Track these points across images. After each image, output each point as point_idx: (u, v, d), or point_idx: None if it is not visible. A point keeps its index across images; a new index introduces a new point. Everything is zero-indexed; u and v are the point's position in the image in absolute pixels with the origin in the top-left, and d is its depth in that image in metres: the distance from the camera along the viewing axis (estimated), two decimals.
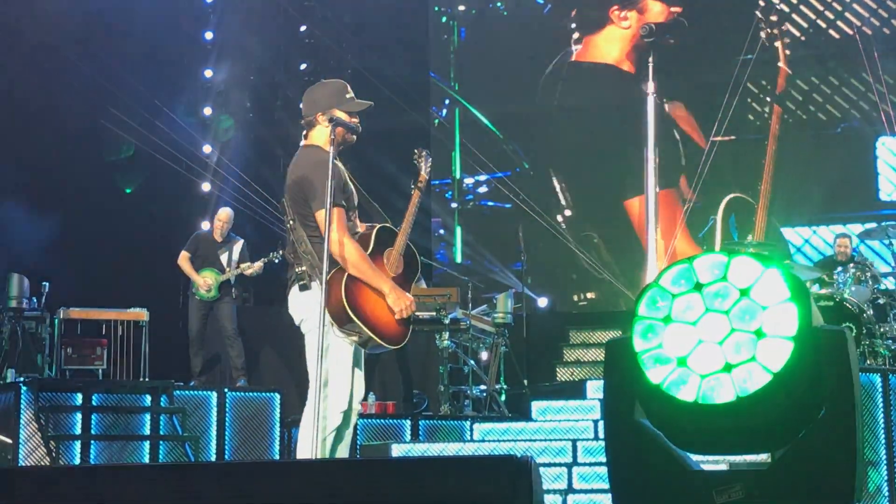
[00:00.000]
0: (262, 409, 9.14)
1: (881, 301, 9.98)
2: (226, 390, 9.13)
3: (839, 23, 14.00)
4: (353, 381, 5.57)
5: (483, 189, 15.05)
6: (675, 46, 13.47)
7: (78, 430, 8.31)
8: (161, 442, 8.56)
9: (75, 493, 3.51)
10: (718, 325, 3.82)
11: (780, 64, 13.71)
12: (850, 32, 13.97)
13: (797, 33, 14.17)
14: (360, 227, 5.80)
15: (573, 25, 14.91)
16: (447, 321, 10.12)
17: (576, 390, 9.54)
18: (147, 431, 8.60)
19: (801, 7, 14.14)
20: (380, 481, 3.32)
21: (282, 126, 14.22)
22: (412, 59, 15.17)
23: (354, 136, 5.79)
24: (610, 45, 14.58)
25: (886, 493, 7.68)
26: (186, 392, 9.00)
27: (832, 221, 13.26)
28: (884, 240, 10.27)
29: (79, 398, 8.44)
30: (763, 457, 6.41)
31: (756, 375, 3.72)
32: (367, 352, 5.71)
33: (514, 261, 13.21)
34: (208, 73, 14.83)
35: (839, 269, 10.30)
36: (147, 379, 10.78)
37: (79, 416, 8.34)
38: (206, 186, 14.41)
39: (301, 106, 5.86)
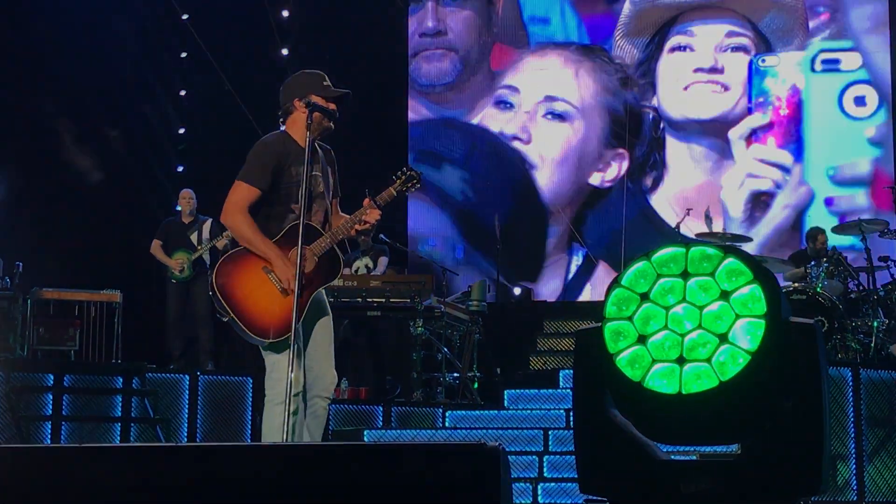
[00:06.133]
0: (235, 393, 9.14)
1: (853, 296, 10.05)
2: (198, 373, 9.12)
3: None
4: (291, 368, 5.58)
5: None
6: None
7: (49, 411, 8.29)
8: (132, 424, 8.56)
9: (44, 472, 3.51)
10: (689, 317, 3.85)
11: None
12: None
13: None
14: (316, 219, 5.81)
15: None
16: (421, 308, 10.14)
17: (548, 379, 9.56)
18: (119, 413, 8.59)
19: None
20: (350, 466, 3.34)
21: (257, 109, 14.18)
22: (389, 46, 15.16)
23: (332, 123, 5.80)
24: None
25: (855, 487, 7.75)
26: (159, 374, 8.99)
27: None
28: (857, 235, 10.32)
29: (51, 379, 8.41)
30: (732, 448, 6.48)
31: (727, 364, 3.75)
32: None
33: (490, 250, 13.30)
34: (184, 55, 14.78)
35: (812, 262, 10.35)
36: (119, 361, 10.75)
37: (50, 396, 8.32)
38: (179, 167, 14.46)
39: (280, 96, 5.90)
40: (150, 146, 14.27)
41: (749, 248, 11.43)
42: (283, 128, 5.90)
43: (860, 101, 13.64)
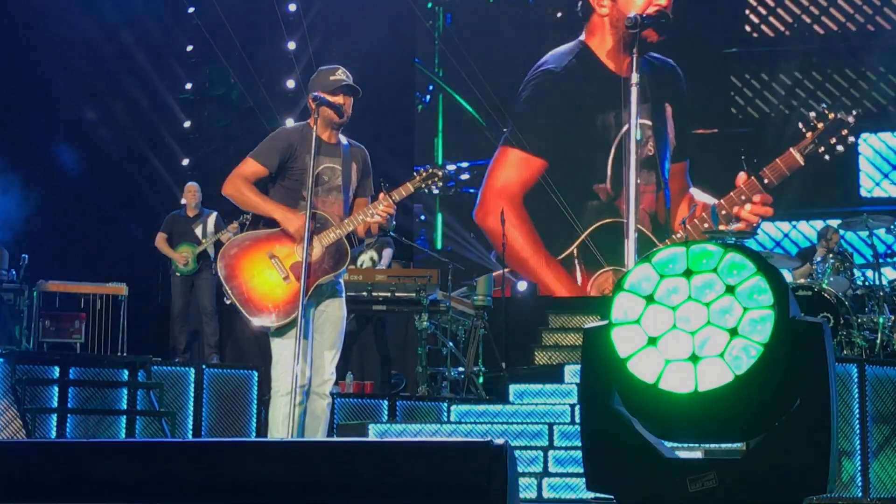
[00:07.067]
0: (240, 387, 9.14)
1: (859, 292, 10.04)
2: (204, 367, 9.12)
3: (823, 18, 14.03)
4: (297, 357, 5.60)
5: (465, 176, 15.02)
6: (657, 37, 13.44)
7: (55, 404, 8.28)
8: (138, 417, 8.54)
9: (49, 467, 3.51)
10: (697, 314, 3.84)
11: (794, 151, 12.51)
12: (834, 28, 14.00)
13: (781, 27, 14.19)
14: (332, 211, 5.84)
15: (559, 14, 14.88)
16: (427, 302, 10.14)
17: (553, 374, 9.56)
18: (124, 406, 8.57)
19: (787, 1, 14.16)
20: (355, 463, 3.33)
21: (264, 103, 14.17)
22: (397, 44, 15.13)
23: (338, 116, 5.84)
24: (595, 33, 14.54)
25: (860, 483, 7.74)
26: (164, 367, 8.99)
27: (812, 216, 13.29)
28: (864, 230, 10.30)
29: (56, 371, 8.41)
30: (738, 445, 6.47)
31: (737, 362, 3.74)
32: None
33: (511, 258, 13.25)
34: (190, 48, 14.79)
35: (818, 259, 10.34)
36: (125, 353, 10.76)
37: (56, 389, 8.31)
38: (185, 161, 14.48)
39: None
40: (155, 139, 14.27)
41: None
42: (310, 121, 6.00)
43: None
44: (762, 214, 13.22)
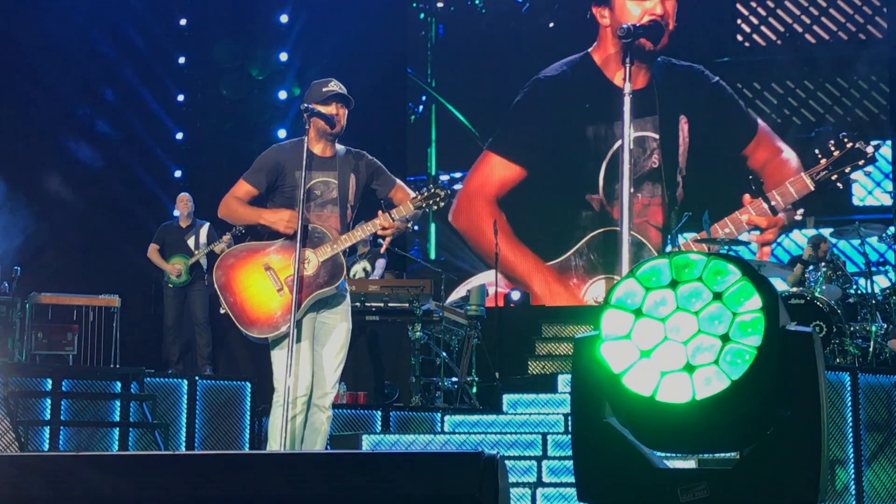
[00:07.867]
0: (233, 398, 9.12)
1: (851, 300, 10.05)
2: (196, 378, 9.11)
3: (815, 27, 14.07)
4: (291, 368, 5.61)
5: (458, 186, 15.00)
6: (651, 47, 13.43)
7: (47, 416, 8.27)
8: (131, 429, 8.53)
9: (42, 481, 3.51)
10: (687, 324, 3.85)
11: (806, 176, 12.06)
12: (826, 37, 14.03)
13: (773, 37, 14.23)
14: (329, 224, 5.85)
15: (551, 25, 14.89)
16: (420, 313, 10.14)
17: (547, 384, 9.54)
18: (117, 418, 8.56)
19: (778, 11, 14.20)
20: (347, 475, 3.33)
21: (255, 114, 14.17)
22: (389, 54, 15.14)
23: (330, 126, 5.85)
24: (601, 44, 14.53)
25: (853, 492, 7.74)
26: (157, 379, 8.97)
27: (804, 225, 13.31)
28: (856, 238, 10.32)
29: (49, 384, 8.39)
30: (731, 455, 6.47)
31: (725, 374, 3.75)
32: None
33: (489, 257, 13.21)
34: (182, 60, 14.79)
35: (810, 267, 10.36)
36: (118, 365, 10.75)
37: (48, 401, 8.30)
38: (177, 172, 14.48)
39: None
40: (148, 151, 14.26)
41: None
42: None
43: None
44: (767, 241, 13.24)
